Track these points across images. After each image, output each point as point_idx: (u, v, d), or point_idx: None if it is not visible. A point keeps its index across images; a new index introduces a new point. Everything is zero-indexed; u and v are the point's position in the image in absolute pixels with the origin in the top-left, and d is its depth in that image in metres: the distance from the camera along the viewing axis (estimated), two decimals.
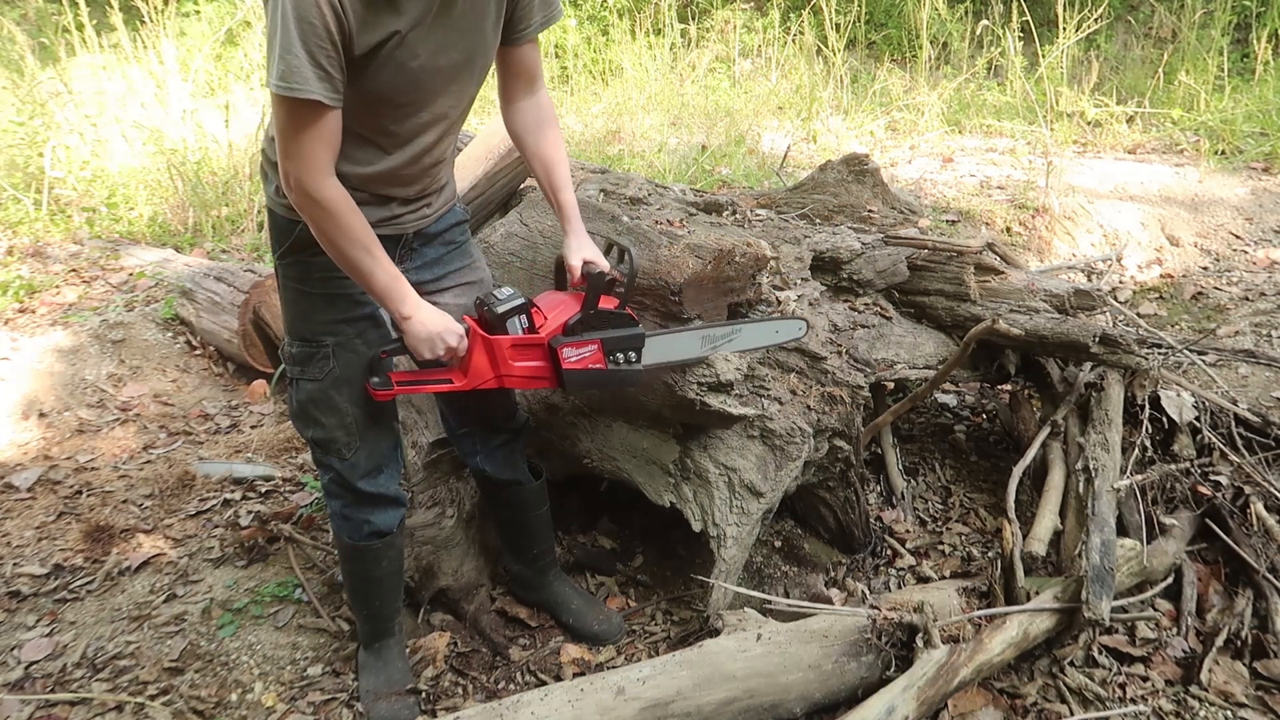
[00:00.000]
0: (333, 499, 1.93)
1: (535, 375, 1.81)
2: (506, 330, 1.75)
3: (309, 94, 1.42)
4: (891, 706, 1.74)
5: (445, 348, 1.71)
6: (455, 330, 1.72)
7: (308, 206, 1.53)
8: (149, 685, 2.05)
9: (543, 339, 1.77)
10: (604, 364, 1.81)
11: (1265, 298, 3.97)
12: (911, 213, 3.18)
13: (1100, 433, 2.40)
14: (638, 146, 5.61)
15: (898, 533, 2.57)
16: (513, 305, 1.75)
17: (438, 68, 1.58)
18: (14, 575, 2.41)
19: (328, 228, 1.54)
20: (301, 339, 1.77)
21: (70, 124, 4.82)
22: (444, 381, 1.79)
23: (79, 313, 3.60)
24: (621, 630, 2.24)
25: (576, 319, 1.77)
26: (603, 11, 7.63)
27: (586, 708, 1.69)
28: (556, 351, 1.76)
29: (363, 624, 2.08)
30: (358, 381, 1.80)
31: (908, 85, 6.61)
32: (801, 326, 2.13)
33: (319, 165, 1.50)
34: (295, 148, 1.48)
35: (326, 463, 1.88)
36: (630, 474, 2.22)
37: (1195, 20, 6.63)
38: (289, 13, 1.38)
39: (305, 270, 1.72)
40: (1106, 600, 1.93)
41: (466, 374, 1.78)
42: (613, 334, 1.80)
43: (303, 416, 1.84)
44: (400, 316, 1.66)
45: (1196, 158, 5.33)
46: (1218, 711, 1.93)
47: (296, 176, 1.50)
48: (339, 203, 1.54)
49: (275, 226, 1.72)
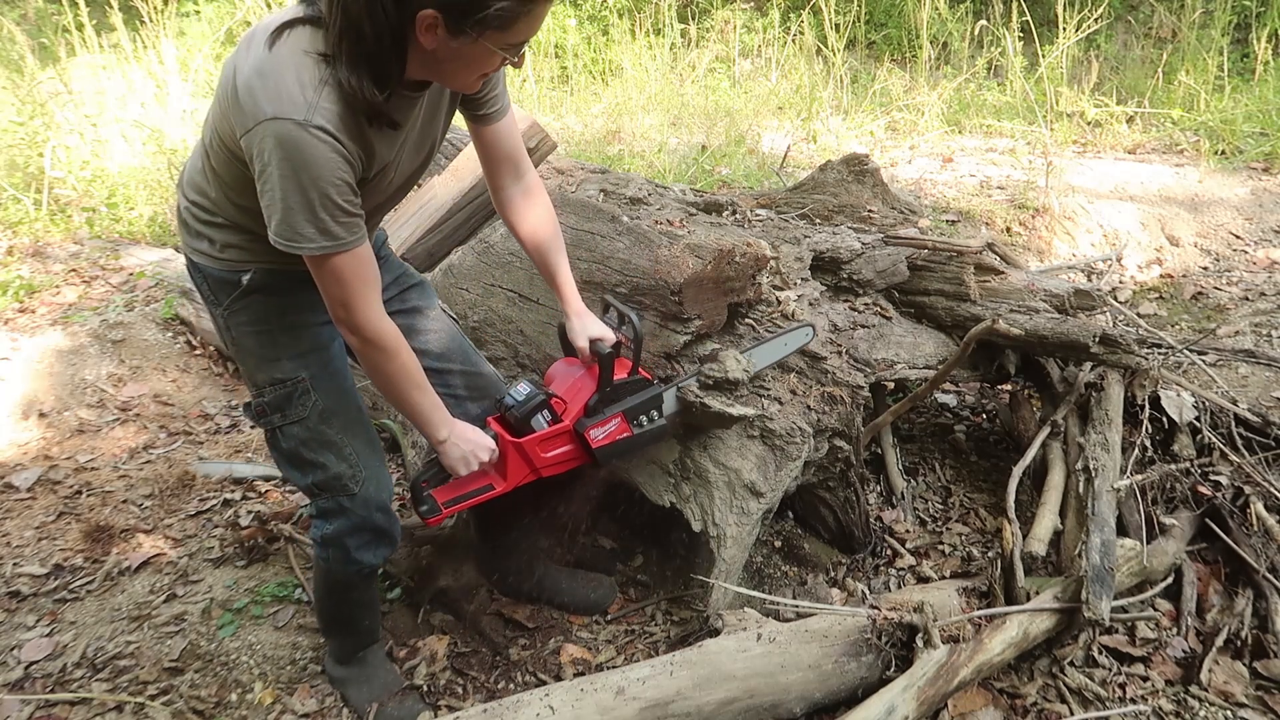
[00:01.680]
0: (333, 546, 1.82)
1: (567, 459, 1.89)
2: (532, 429, 1.82)
3: (351, 246, 1.43)
4: (891, 706, 1.74)
5: (479, 463, 1.76)
6: (486, 445, 1.77)
7: (369, 351, 1.54)
8: (149, 685, 2.05)
9: (568, 427, 1.84)
10: (630, 431, 1.89)
11: (1265, 298, 3.97)
12: (911, 213, 3.18)
13: (1100, 433, 2.39)
14: (638, 146, 5.61)
15: (898, 533, 2.57)
16: (534, 404, 1.82)
17: (406, 174, 1.62)
18: (14, 575, 2.41)
19: (389, 369, 1.57)
20: (274, 382, 1.69)
21: (70, 124, 4.82)
22: (487, 489, 1.84)
23: (79, 313, 3.60)
24: (614, 590, 2.33)
25: (595, 399, 1.84)
26: (603, 11, 7.63)
27: (586, 708, 1.69)
28: (584, 435, 1.84)
29: (344, 641, 2.03)
30: (346, 410, 1.76)
31: (908, 85, 6.61)
32: (809, 333, 2.15)
33: (375, 307, 1.51)
34: (351, 298, 1.48)
35: (333, 507, 1.78)
36: (630, 474, 2.22)
37: (1195, 20, 6.63)
38: (305, 180, 1.35)
39: (260, 311, 1.66)
40: (1106, 600, 1.93)
41: (506, 477, 1.84)
42: (632, 402, 1.88)
43: (297, 463, 1.75)
44: (437, 441, 1.70)
45: (1196, 158, 5.32)
46: (1218, 711, 1.93)
47: (357, 325, 1.50)
48: (398, 342, 1.56)
49: (214, 283, 1.65)
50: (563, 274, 1.87)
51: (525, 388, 1.84)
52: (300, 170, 1.34)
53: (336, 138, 1.35)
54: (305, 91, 1.32)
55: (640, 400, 1.89)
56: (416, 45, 1.35)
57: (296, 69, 1.33)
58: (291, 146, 1.32)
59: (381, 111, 1.39)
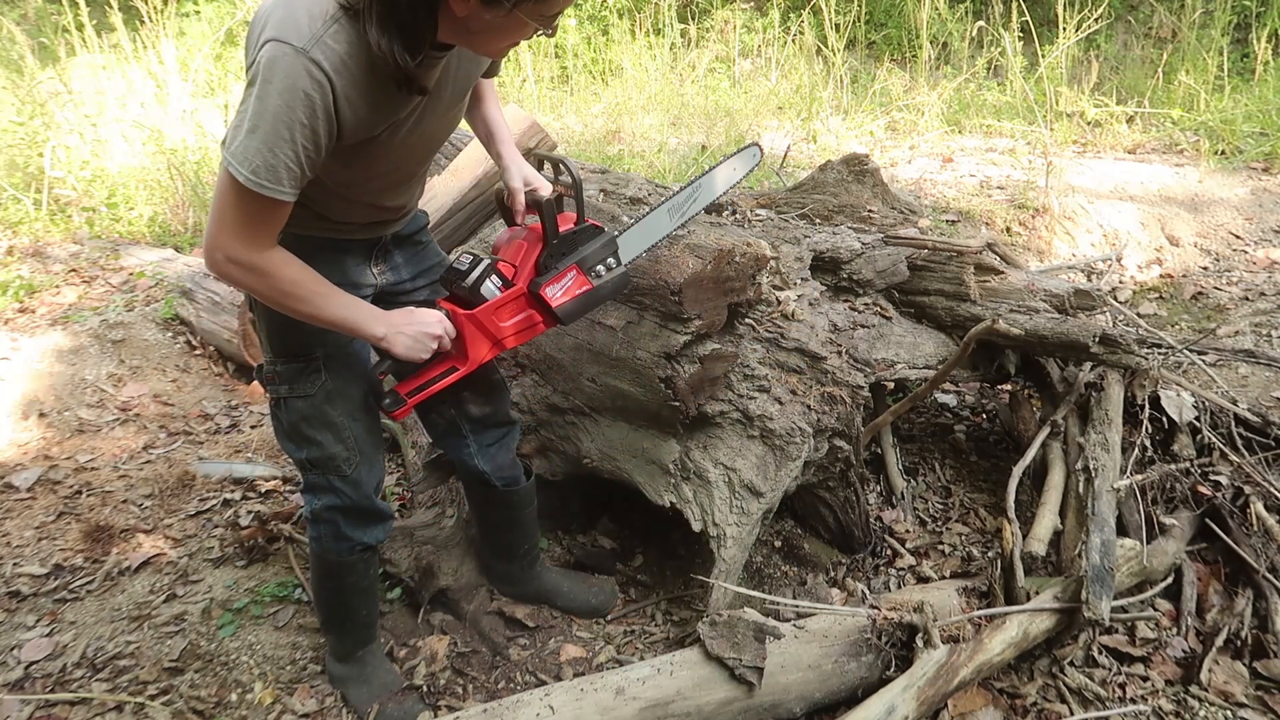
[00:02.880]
0: (323, 523, 1.85)
1: (529, 326, 1.73)
2: (484, 298, 1.67)
3: (280, 195, 1.35)
4: (891, 706, 1.75)
5: (433, 338, 1.63)
6: (433, 318, 1.64)
7: (243, 275, 1.43)
8: (149, 685, 2.05)
9: (521, 288, 1.69)
10: (589, 284, 1.74)
11: (1265, 298, 3.97)
12: (911, 213, 3.17)
13: (1100, 433, 2.40)
14: (638, 146, 5.61)
15: (898, 533, 2.57)
16: (480, 271, 1.66)
17: (426, 139, 1.59)
18: (14, 575, 2.41)
19: (273, 290, 1.46)
20: (288, 354, 1.68)
21: (70, 124, 4.82)
22: (450, 372, 1.71)
23: (79, 313, 3.60)
24: (615, 594, 2.31)
25: (544, 255, 1.70)
26: (603, 11, 7.63)
27: (586, 708, 1.69)
28: (540, 296, 1.69)
29: (343, 638, 2.03)
30: (353, 394, 1.74)
31: (908, 85, 6.61)
32: (755, 153, 2.05)
33: (264, 241, 1.43)
34: (239, 230, 1.39)
35: (323, 483, 1.79)
36: (630, 474, 2.22)
37: (1195, 20, 6.63)
38: (280, 108, 1.29)
39: None
40: (1106, 600, 1.93)
41: (467, 356, 1.70)
42: (585, 251, 1.73)
43: (294, 437, 1.75)
44: (377, 339, 1.58)
45: (1196, 158, 5.32)
46: (1218, 711, 1.93)
47: (231, 252, 1.40)
48: (277, 262, 1.45)
49: None
50: (502, 130, 1.81)
51: (467, 258, 1.69)
52: (278, 95, 1.29)
53: (330, 79, 1.31)
54: (313, 24, 1.30)
55: (594, 248, 1.73)
56: (448, 11, 1.32)
57: (310, 4, 1.31)
58: (280, 70, 1.28)
59: (411, 76, 1.36)
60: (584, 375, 2.21)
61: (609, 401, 2.21)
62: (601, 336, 2.15)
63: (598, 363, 2.17)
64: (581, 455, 2.29)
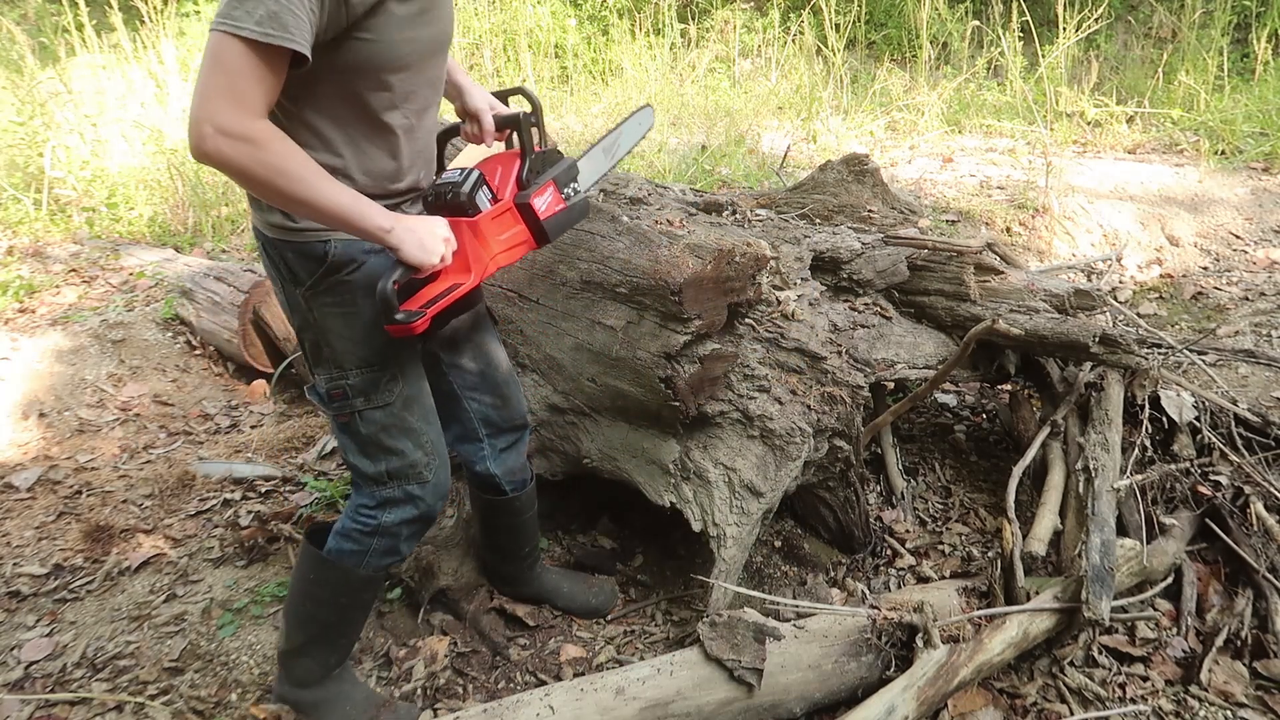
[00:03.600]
0: (384, 536, 1.75)
1: (518, 242, 1.68)
2: (480, 208, 1.61)
3: (293, 44, 1.26)
4: (891, 706, 1.75)
5: (443, 240, 1.53)
6: (440, 223, 1.55)
7: (232, 148, 1.28)
8: (149, 685, 2.05)
9: (510, 202, 1.65)
10: (564, 203, 1.72)
11: (1265, 298, 3.97)
12: (911, 213, 3.17)
13: (1100, 433, 2.40)
14: (638, 147, 5.60)
15: (898, 533, 2.57)
16: (474, 180, 1.60)
17: (430, 34, 1.52)
18: (14, 575, 2.41)
19: (265, 166, 1.32)
20: (364, 364, 1.61)
21: (70, 124, 4.82)
22: (456, 286, 1.60)
23: (79, 313, 3.60)
24: (615, 594, 2.31)
25: (524, 168, 1.68)
26: (603, 11, 7.63)
27: (586, 708, 1.69)
28: (530, 207, 1.64)
29: (326, 657, 1.88)
30: (425, 396, 1.71)
31: (908, 85, 6.61)
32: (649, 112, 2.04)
33: (257, 108, 1.31)
34: (229, 92, 1.27)
35: (400, 496, 1.72)
36: (630, 474, 2.22)
37: (1195, 20, 6.63)
38: None
39: (348, 290, 1.58)
40: (1106, 600, 1.93)
41: (469, 269, 1.62)
42: (557, 170, 1.71)
43: (372, 450, 1.67)
44: (384, 232, 1.45)
45: (1196, 158, 5.32)
46: (1218, 711, 1.93)
47: (221, 120, 1.27)
48: (273, 133, 1.33)
49: (297, 256, 1.56)
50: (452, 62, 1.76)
51: (457, 170, 1.63)
52: None
53: None
54: None
55: (564, 167, 1.72)
56: None
57: None
58: None
59: None
60: (584, 375, 2.21)
61: (609, 401, 2.21)
62: (601, 336, 2.15)
63: (598, 363, 2.17)
64: (581, 455, 2.29)
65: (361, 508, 1.75)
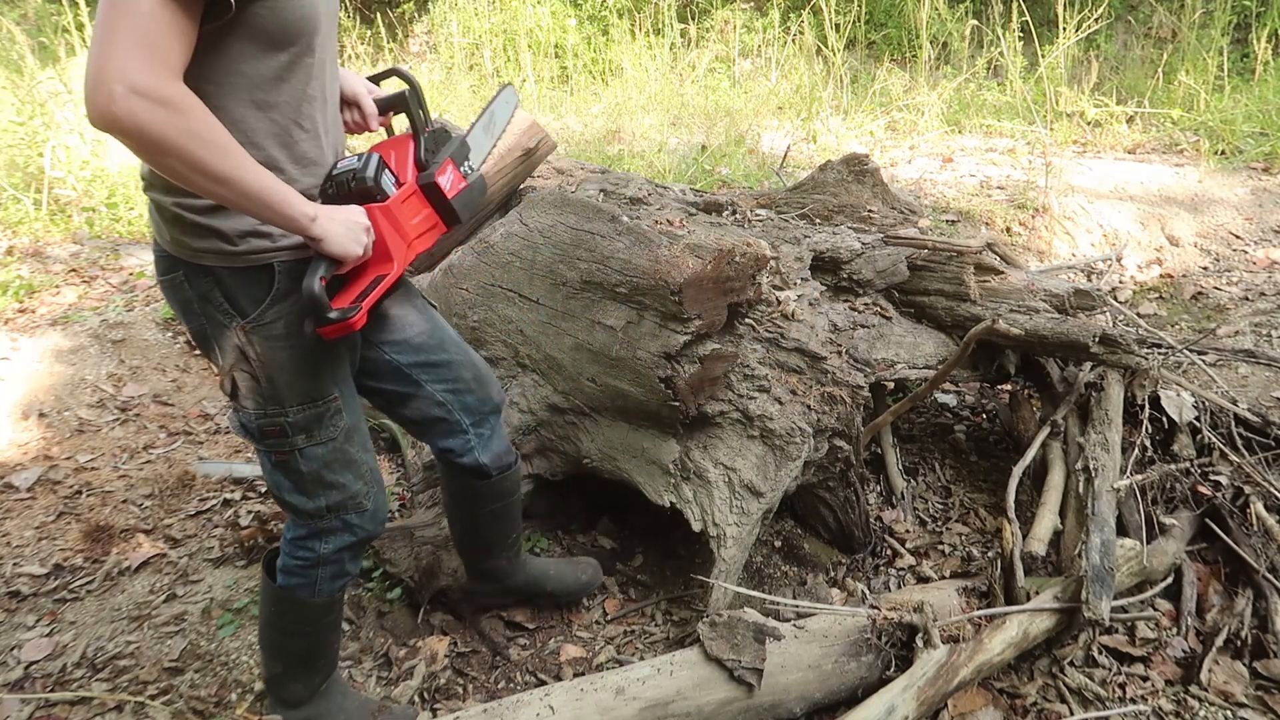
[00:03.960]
0: (321, 566, 1.69)
1: (429, 226, 1.61)
2: (388, 193, 1.51)
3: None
4: (891, 706, 1.75)
5: (365, 229, 1.43)
6: (357, 211, 1.44)
7: (150, 112, 1.13)
8: (149, 685, 2.05)
9: (414, 185, 1.56)
10: (465, 180, 1.63)
11: (1265, 298, 3.97)
12: (911, 213, 3.17)
13: (1100, 433, 2.40)
14: (638, 146, 5.61)
15: (898, 533, 2.57)
16: (375, 164, 1.49)
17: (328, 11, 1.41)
18: (14, 575, 2.41)
19: (189, 135, 1.17)
20: (308, 400, 1.51)
21: (70, 124, 4.82)
22: (382, 277, 1.51)
23: (79, 313, 3.60)
24: (599, 571, 2.30)
25: (420, 149, 1.59)
26: (603, 11, 7.63)
27: (586, 708, 1.69)
28: (436, 186, 1.56)
29: (309, 680, 1.83)
30: (361, 424, 1.64)
31: (908, 85, 6.61)
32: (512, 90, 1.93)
33: (174, 66, 1.17)
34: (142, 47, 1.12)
35: (337, 525, 1.65)
36: (630, 474, 2.22)
37: (1195, 20, 6.63)
38: None
39: (295, 320, 1.46)
40: (1106, 600, 1.93)
41: (391, 256, 1.52)
42: (451, 148, 1.63)
43: (313, 488, 1.58)
44: (308, 220, 1.33)
45: (1196, 158, 5.32)
46: (1218, 711, 1.93)
47: (136, 80, 1.11)
48: (193, 100, 1.19)
49: (239, 284, 1.41)
50: None
51: (353, 157, 1.52)
52: None
53: None
54: None
55: (457, 144, 1.64)
56: None
57: None
58: None
59: None
60: (584, 375, 2.21)
61: (609, 401, 2.21)
62: (601, 336, 2.15)
63: (598, 363, 2.17)
64: (581, 455, 2.29)
65: (297, 540, 1.69)
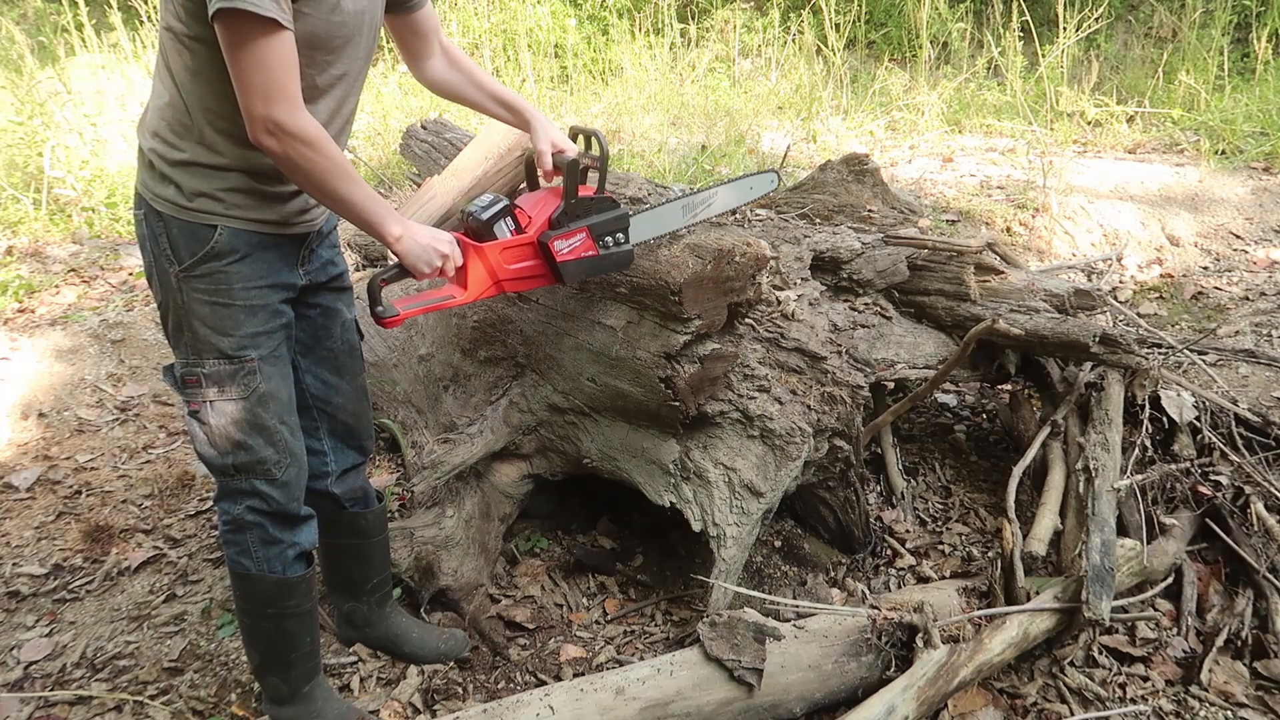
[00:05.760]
0: (245, 531, 1.71)
1: (532, 275, 1.83)
2: (495, 236, 1.77)
3: (264, 10, 1.30)
4: (891, 706, 1.75)
5: (440, 256, 1.66)
6: (445, 238, 1.68)
7: (292, 147, 1.41)
8: (149, 685, 2.05)
9: (532, 238, 1.79)
10: (595, 250, 1.84)
11: (1265, 298, 3.97)
12: (911, 212, 3.17)
13: (1100, 433, 2.39)
14: (638, 146, 5.60)
15: (898, 533, 2.57)
16: (497, 210, 1.76)
17: (358, 10, 1.53)
18: (14, 575, 2.41)
19: (314, 166, 1.44)
20: (221, 355, 1.59)
21: (70, 124, 4.82)
22: (447, 298, 1.78)
23: (78, 313, 3.60)
24: (465, 643, 2.15)
25: (559, 211, 1.79)
26: (603, 11, 7.62)
27: (586, 708, 1.69)
28: (548, 247, 1.78)
29: (287, 674, 1.84)
30: (283, 396, 1.68)
31: (908, 85, 6.60)
32: (773, 179, 2.12)
33: (293, 97, 1.39)
34: (263, 80, 1.35)
35: (246, 488, 1.68)
36: (630, 474, 2.22)
37: (1195, 20, 6.63)
38: None
39: (224, 280, 1.56)
40: (1106, 600, 1.93)
41: (466, 286, 1.77)
42: (598, 219, 1.82)
43: (222, 442, 1.64)
44: (392, 237, 1.58)
45: (1196, 157, 5.32)
46: (1218, 711, 1.93)
47: (273, 117, 1.37)
48: (321, 134, 1.44)
49: (181, 235, 1.54)
50: (509, 92, 1.85)
51: (489, 196, 1.79)
52: None
53: None
54: None
55: (607, 218, 1.83)
56: None
57: None
58: None
59: None
60: (584, 375, 2.21)
61: (609, 401, 2.21)
62: (601, 336, 2.15)
63: (598, 363, 2.17)
64: (581, 455, 2.29)
65: (218, 502, 1.74)
